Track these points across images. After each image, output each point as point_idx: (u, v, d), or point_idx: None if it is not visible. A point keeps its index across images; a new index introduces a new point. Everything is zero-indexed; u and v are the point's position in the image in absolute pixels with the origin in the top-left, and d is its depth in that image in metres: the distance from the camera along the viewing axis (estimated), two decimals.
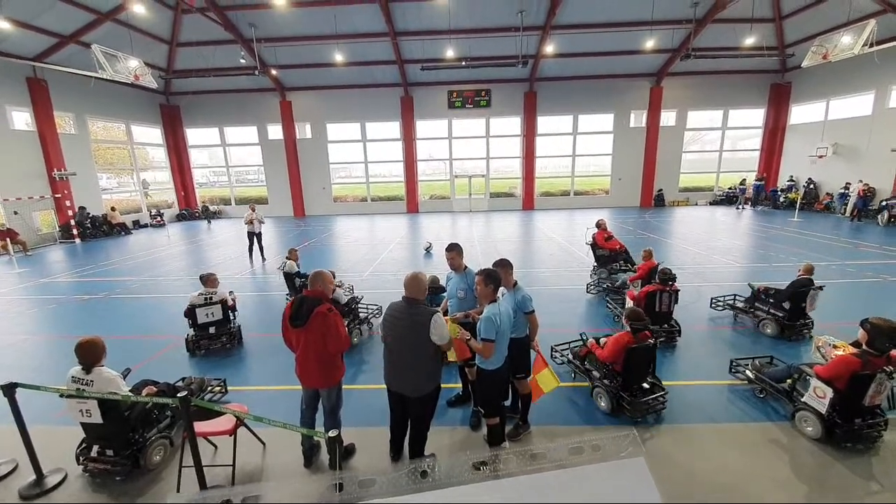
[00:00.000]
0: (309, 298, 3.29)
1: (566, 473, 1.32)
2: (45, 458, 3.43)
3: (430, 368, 3.17)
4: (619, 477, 1.33)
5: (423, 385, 3.16)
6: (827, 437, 3.58)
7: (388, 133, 21.72)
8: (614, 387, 4.11)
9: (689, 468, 3.39)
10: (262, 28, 16.68)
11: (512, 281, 3.71)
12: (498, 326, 3.10)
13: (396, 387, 3.24)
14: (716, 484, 3.23)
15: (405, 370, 3.16)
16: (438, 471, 1.35)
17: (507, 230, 15.93)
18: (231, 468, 3.34)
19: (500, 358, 3.26)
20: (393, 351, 3.20)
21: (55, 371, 5.21)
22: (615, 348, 4.05)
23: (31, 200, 14.59)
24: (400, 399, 3.26)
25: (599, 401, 4.25)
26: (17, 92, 14.52)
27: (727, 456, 3.51)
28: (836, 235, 12.81)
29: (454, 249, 4.24)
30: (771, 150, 21.08)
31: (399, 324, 3.12)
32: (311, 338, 3.25)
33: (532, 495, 1.28)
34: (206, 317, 5.74)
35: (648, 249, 6.87)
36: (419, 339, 3.05)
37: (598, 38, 17.48)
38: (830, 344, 4.56)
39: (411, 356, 3.11)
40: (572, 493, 1.28)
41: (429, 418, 3.31)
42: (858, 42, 11.77)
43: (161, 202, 21.64)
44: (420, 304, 3.13)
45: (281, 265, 7.77)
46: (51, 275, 10.81)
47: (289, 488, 1.52)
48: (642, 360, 4.08)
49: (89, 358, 3.31)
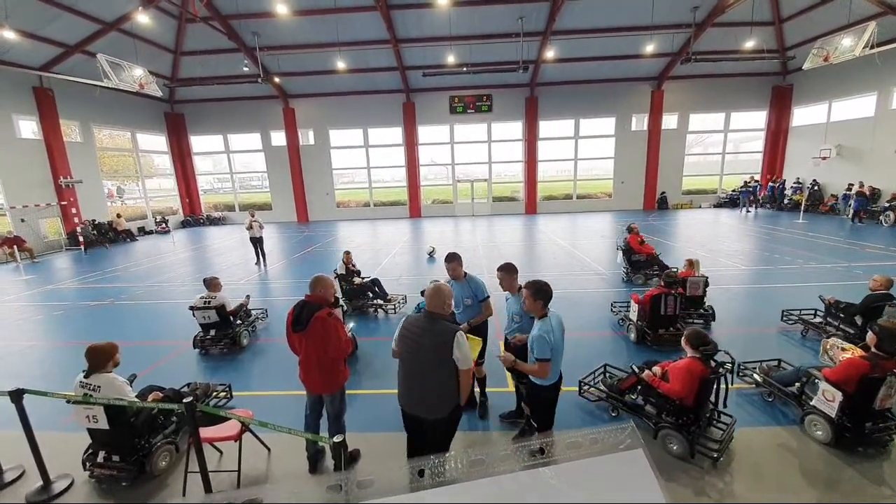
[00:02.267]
0: (310, 303, 3.30)
1: (565, 468, 1.31)
2: (52, 464, 3.44)
3: (449, 388, 2.80)
4: (618, 469, 1.32)
5: (441, 406, 2.81)
6: (837, 441, 3.54)
7: (390, 139, 21.84)
8: (685, 424, 3.50)
9: (697, 473, 3.36)
10: (264, 36, 16.87)
11: (517, 286, 3.71)
12: (552, 344, 2.92)
13: (412, 408, 2.91)
14: (724, 490, 3.19)
15: (421, 390, 2.84)
16: (436, 469, 1.34)
17: (510, 234, 15.92)
18: (236, 473, 3.34)
19: (554, 374, 3.10)
20: (409, 370, 2.88)
21: (62, 377, 5.22)
22: (687, 380, 3.39)
23: (38, 208, 14.73)
24: (416, 421, 2.92)
25: (670, 445, 3.54)
26: (24, 101, 14.71)
27: (735, 460, 3.47)
28: (840, 237, 12.73)
29: (454, 260, 4.28)
30: (774, 153, 21.04)
31: (418, 340, 2.79)
32: (312, 343, 3.27)
33: (531, 491, 1.27)
34: (204, 319, 5.87)
35: (692, 259, 6.69)
36: (440, 358, 2.73)
37: (599, 42, 17.56)
38: (839, 346, 4.51)
39: (429, 376, 2.79)
40: (572, 488, 1.27)
41: (449, 441, 2.96)
42: (859, 44, 11.76)
43: (166, 209, 21.79)
44: (443, 319, 2.81)
45: (338, 268, 7.83)
46: (57, 281, 10.88)
47: (286, 490, 1.52)
48: (709, 389, 3.55)
49: (98, 363, 3.33)
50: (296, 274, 10.76)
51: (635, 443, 1.34)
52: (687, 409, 3.48)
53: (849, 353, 4.21)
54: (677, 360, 3.67)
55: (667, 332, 5.56)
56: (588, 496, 1.26)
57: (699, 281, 6.31)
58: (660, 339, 5.54)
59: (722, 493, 3.16)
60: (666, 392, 3.56)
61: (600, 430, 1.39)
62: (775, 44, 17.81)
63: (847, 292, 7.38)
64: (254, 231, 11.30)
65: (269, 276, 10.77)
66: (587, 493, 1.27)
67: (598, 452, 1.35)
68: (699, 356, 3.44)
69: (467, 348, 2.74)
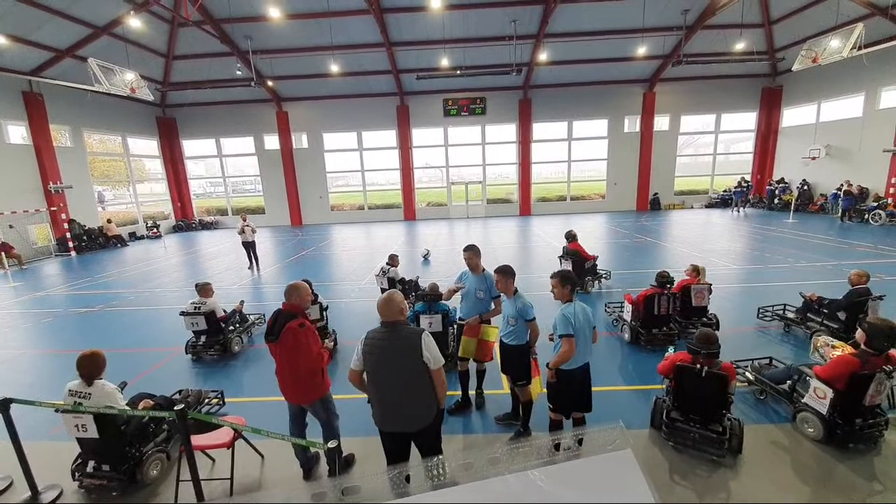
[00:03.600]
0: (284, 313, 3.21)
1: (555, 469, 1.31)
2: (41, 475, 3.38)
3: (428, 394, 2.72)
4: (607, 470, 1.32)
5: (424, 414, 2.72)
6: (829, 437, 3.57)
7: (384, 142, 21.83)
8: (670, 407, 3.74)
9: (689, 471, 3.37)
10: (257, 40, 16.82)
11: (512, 289, 3.72)
12: (573, 325, 3.15)
13: (392, 426, 2.76)
14: (717, 486, 3.21)
15: (399, 403, 2.71)
16: (427, 473, 1.33)
17: (505, 236, 15.96)
18: (229, 481, 3.30)
19: (578, 358, 3.26)
20: (380, 385, 2.72)
21: (50, 386, 5.15)
22: (670, 368, 3.69)
23: (27, 214, 14.55)
24: (397, 439, 2.80)
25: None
26: (13, 106, 14.54)
27: (727, 458, 3.49)
28: (830, 236, 12.90)
29: (471, 249, 4.31)
30: (764, 153, 21.29)
31: (384, 353, 2.66)
32: (285, 353, 3.19)
33: (520, 493, 1.27)
34: (193, 325, 5.81)
35: (697, 265, 6.16)
36: (410, 363, 2.63)
37: (591, 45, 17.70)
38: (829, 344, 4.55)
39: (403, 385, 2.67)
40: (561, 489, 1.27)
41: (440, 445, 2.93)
42: (847, 45, 11.95)
43: (157, 213, 21.61)
44: (402, 324, 2.71)
45: (379, 271, 7.79)
46: (46, 288, 10.74)
47: (278, 497, 1.50)
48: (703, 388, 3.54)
49: (90, 370, 3.29)
50: (290, 278, 10.70)
51: (624, 443, 1.34)
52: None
53: (839, 350, 4.25)
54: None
55: (660, 331, 5.59)
56: (578, 497, 1.26)
57: (703, 288, 5.87)
58: (653, 338, 5.57)
59: (714, 490, 3.17)
60: None
61: (589, 430, 1.39)
62: (765, 45, 18.05)
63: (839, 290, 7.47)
64: (246, 235, 11.25)
65: (263, 280, 10.71)
66: (577, 494, 1.26)
67: (587, 453, 1.35)
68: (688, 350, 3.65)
69: (436, 349, 2.68)
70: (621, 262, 10.67)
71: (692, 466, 3.42)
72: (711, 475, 3.32)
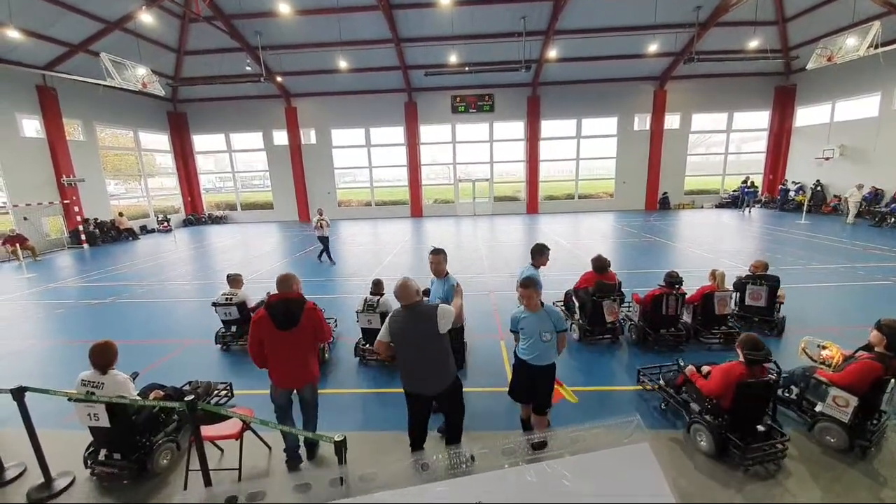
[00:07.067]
0: (293, 300, 3.39)
1: (572, 461, 1.30)
2: (54, 462, 3.44)
3: (449, 361, 3.22)
4: (624, 463, 1.32)
5: (447, 378, 3.20)
6: (851, 445, 3.42)
7: (392, 138, 21.83)
8: (719, 425, 3.45)
9: (705, 480, 3.34)
10: (267, 36, 16.88)
11: (536, 301, 3.42)
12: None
13: (419, 389, 3.24)
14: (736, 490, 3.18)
15: (426, 371, 3.18)
16: (442, 463, 1.34)
17: (512, 234, 15.90)
18: (237, 471, 3.34)
19: (531, 354, 3.50)
20: (408, 357, 3.19)
21: (63, 375, 5.22)
22: (723, 381, 3.40)
23: (41, 206, 14.77)
24: (422, 400, 3.27)
25: (699, 440, 3.57)
26: (28, 100, 14.76)
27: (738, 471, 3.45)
28: (843, 238, 12.67)
29: (440, 253, 4.24)
30: (777, 153, 20.96)
31: (407, 328, 3.12)
32: (303, 335, 3.38)
33: (537, 484, 1.26)
34: (225, 315, 5.97)
35: (717, 271, 5.71)
36: (430, 334, 3.09)
37: (601, 42, 17.52)
38: (818, 345, 4.25)
39: (428, 355, 3.14)
40: (579, 480, 1.27)
41: (462, 406, 3.38)
42: (863, 44, 11.70)
43: (168, 207, 21.85)
44: (419, 303, 3.16)
45: (363, 306, 7.76)
46: (59, 280, 10.91)
47: (293, 483, 1.51)
48: (758, 398, 3.42)
49: (103, 360, 3.34)
50: (303, 273, 10.74)
51: (641, 436, 1.34)
52: (723, 409, 3.45)
53: (828, 350, 4.04)
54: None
55: (668, 332, 5.54)
56: (595, 489, 1.25)
57: (726, 296, 5.59)
58: (661, 339, 5.51)
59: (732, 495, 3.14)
60: (701, 387, 3.64)
61: (606, 423, 1.38)
62: (779, 43, 17.73)
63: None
64: (323, 230, 11.29)
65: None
66: (594, 486, 1.26)
67: (604, 446, 1.34)
68: (743, 360, 3.39)
69: (451, 315, 3.17)
70: (629, 262, 10.59)
71: (712, 468, 3.37)
72: (726, 474, 3.29)
